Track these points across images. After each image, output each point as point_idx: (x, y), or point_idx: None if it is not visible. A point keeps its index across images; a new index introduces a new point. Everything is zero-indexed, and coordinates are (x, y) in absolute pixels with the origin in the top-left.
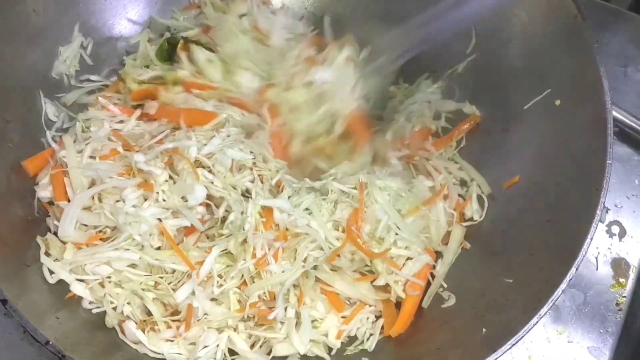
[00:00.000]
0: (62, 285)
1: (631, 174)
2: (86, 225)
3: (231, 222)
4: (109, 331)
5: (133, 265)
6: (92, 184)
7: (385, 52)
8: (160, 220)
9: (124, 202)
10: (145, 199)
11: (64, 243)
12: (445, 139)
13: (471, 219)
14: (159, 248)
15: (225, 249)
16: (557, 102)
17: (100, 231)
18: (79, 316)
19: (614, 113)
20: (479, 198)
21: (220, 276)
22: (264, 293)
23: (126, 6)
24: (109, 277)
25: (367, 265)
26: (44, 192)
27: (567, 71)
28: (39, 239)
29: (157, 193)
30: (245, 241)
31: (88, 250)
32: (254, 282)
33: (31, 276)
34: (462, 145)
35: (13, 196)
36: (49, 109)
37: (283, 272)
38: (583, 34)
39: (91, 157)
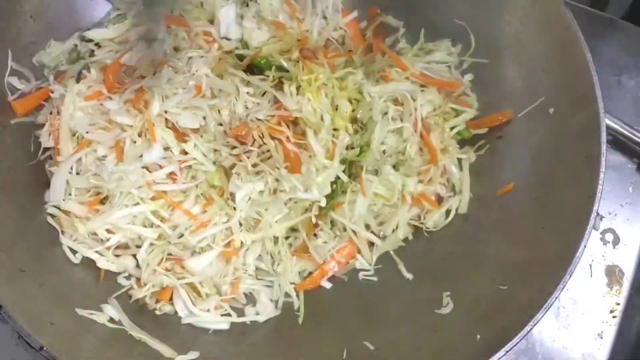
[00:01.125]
0: (57, 289)
1: (625, 182)
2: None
3: None
4: (104, 336)
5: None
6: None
7: None
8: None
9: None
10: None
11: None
12: (477, 122)
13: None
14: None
15: None
16: (551, 110)
17: (98, 193)
18: (74, 321)
19: (608, 121)
20: (448, 212)
21: None
22: None
23: None
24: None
25: None
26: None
27: (560, 79)
28: (50, 220)
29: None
30: None
31: (97, 220)
32: None
33: (26, 282)
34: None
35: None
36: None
37: None
38: (577, 43)
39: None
